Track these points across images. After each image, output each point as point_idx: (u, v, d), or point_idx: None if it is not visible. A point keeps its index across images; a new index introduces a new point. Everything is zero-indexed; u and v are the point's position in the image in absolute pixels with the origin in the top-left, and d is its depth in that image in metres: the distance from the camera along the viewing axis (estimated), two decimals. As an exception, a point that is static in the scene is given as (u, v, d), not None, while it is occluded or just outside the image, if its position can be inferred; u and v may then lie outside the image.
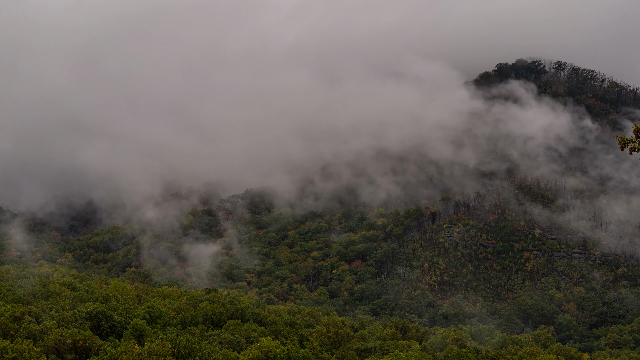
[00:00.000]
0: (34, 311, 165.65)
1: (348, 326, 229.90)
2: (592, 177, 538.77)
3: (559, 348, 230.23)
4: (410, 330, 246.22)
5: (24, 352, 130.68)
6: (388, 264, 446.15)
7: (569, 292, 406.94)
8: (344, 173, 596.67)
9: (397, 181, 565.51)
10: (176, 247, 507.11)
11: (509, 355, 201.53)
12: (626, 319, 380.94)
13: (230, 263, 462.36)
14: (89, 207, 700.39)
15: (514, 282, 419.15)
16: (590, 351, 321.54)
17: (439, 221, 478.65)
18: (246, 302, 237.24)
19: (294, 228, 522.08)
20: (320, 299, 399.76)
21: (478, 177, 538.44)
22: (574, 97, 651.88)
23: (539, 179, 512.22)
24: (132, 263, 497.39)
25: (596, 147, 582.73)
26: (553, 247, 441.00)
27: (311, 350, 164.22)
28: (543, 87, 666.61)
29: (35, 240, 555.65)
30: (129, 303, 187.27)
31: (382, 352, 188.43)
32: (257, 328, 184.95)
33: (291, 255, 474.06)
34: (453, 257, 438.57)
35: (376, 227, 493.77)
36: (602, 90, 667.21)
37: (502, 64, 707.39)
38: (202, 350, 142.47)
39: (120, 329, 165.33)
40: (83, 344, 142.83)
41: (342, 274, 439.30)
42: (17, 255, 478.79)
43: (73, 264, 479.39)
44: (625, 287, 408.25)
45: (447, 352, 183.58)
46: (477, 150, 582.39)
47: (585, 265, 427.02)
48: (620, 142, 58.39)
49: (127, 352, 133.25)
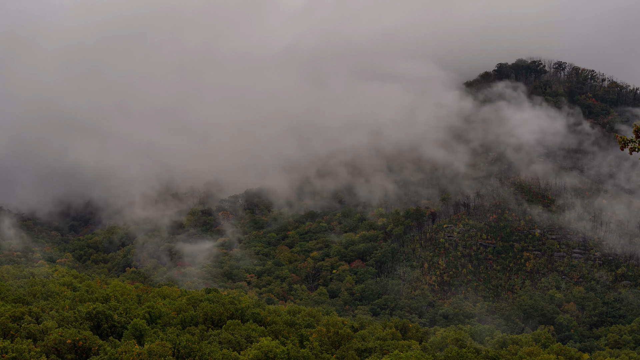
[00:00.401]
0: (34, 311, 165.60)
1: (348, 326, 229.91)
2: (592, 177, 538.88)
3: (559, 348, 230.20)
4: (410, 330, 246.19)
5: (24, 352, 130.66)
6: (388, 264, 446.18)
7: (569, 292, 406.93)
8: (342, 173, 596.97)
9: (396, 180, 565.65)
10: (176, 247, 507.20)
11: (509, 355, 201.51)
12: (626, 319, 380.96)
13: (230, 263, 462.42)
14: (88, 207, 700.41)
15: (514, 282, 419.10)
16: (590, 351, 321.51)
17: (439, 221, 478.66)
18: (246, 302, 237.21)
19: (294, 228, 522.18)
20: (320, 299, 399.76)
21: (478, 177, 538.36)
22: (572, 97, 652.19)
23: (538, 179, 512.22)
24: (132, 263, 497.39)
25: (595, 147, 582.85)
26: (553, 247, 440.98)
27: (311, 350, 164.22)
28: (542, 87, 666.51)
29: (35, 240, 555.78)
30: (129, 303, 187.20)
31: (382, 352, 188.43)
32: (257, 328, 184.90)
33: (291, 255, 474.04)
34: (453, 257, 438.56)
35: (376, 227, 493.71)
36: (602, 90, 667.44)
37: (502, 64, 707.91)
38: (202, 350, 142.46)
39: (120, 329, 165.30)
40: (83, 344, 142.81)
41: (342, 274, 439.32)
42: (17, 255, 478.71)
43: (73, 264, 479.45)
44: (625, 287, 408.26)
45: (447, 352, 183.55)
46: (476, 151, 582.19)
47: (585, 265, 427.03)
48: (620, 142, 58.43)
49: (127, 352, 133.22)
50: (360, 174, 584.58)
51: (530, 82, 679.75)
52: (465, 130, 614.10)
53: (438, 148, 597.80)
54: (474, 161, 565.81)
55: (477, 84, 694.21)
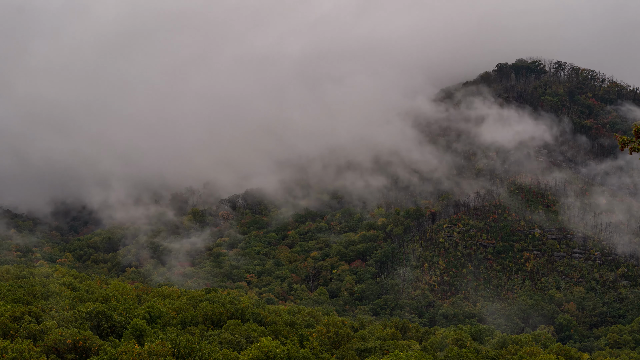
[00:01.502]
0: (34, 311, 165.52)
1: (348, 326, 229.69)
2: (591, 177, 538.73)
3: (559, 348, 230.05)
4: (410, 330, 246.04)
5: (24, 352, 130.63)
6: (388, 264, 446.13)
7: (569, 292, 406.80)
8: (342, 172, 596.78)
9: (396, 181, 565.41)
10: (176, 247, 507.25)
11: (509, 355, 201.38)
12: (626, 319, 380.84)
13: (230, 263, 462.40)
14: (88, 207, 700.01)
15: (514, 282, 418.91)
16: (590, 351, 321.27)
17: (439, 221, 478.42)
18: (246, 302, 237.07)
19: (293, 228, 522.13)
20: (320, 299, 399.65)
21: (477, 177, 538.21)
22: (572, 97, 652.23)
23: (538, 179, 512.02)
24: (132, 263, 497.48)
25: (594, 147, 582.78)
26: (553, 247, 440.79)
27: (311, 350, 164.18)
28: (543, 87, 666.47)
29: (35, 241, 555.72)
30: (129, 303, 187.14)
31: (382, 352, 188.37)
32: (257, 328, 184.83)
33: (291, 255, 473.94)
34: (453, 257, 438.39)
35: (376, 227, 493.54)
36: (602, 90, 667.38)
37: (502, 64, 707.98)
38: (202, 350, 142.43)
39: (120, 329, 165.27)
40: (83, 344, 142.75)
41: (342, 274, 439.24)
42: (17, 255, 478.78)
43: (73, 264, 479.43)
44: (625, 287, 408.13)
45: (447, 352, 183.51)
46: (476, 150, 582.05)
47: (585, 265, 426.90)
48: (620, 142, 58.38)
49: (127, 352, 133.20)
50: (360, 174, 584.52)
51: (530, 82, 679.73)
52: (465, 130, 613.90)
53: (438, 148, 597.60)
54: (474, 161, 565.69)
55: (478, 83, 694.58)
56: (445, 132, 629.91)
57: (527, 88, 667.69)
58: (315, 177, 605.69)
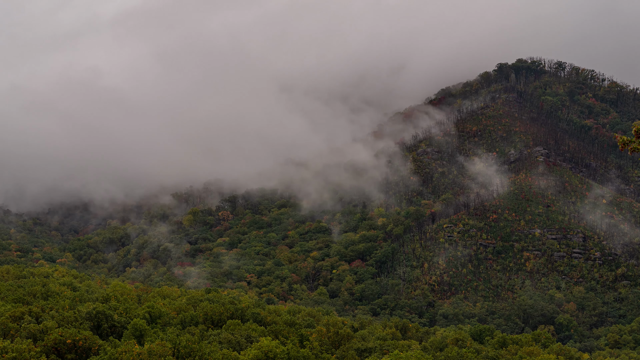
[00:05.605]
0: (34, 311, 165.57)
1: (348, 326, 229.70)
2: (591, 177, 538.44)
3: (559, 348, 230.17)
4: (410, 330, 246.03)
5: (24, 352, 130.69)
6: (388, 264, 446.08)
7: (569, 292, 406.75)
8: (342, 172, 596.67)
9: (396, 180, 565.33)
10: (176, 247, 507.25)
11: (509, 355, 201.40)
12: (626, 319, 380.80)
13: (230, 263, 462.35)
14: (88, 207, 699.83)
15: (514, 282, 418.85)
16: (590, 351, 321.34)
17: (439, 221, 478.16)
18: (246, 302, 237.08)
19: (293, 228, 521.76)
20: (320, 299, 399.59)
21: (477, 177, 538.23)
22: (572, 97, 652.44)
23: (538, 179, 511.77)
24: (132, 263, 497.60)
25: (595, 147, 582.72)
26: (553, 247, 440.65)
27: (311, 350, 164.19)
28: (543, 87, 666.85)
29: (35, 241, 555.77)
30: (129, 303, 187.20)
31: (382, 352, 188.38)
32: (257, 328, 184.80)
33: (291, 255, 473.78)
34: (453, 257, 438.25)
35: (376, 227, 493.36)
36: (602, 90, 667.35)
37: (502, 63, 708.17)
38: (202, 350, 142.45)
39: (120, 329, 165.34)
40: (83, 344, 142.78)
41: (342, 274, 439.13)
42: (17, 255, 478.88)
43: (73, 264, 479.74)
44: (625, 287, 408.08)
45: (447, 352, 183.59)
46: (476, 150, 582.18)
47: (585, 265, 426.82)
48: (620, 142, 58.37)
49: (127, 352, 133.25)
50: (361, 174, 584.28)
51: (530, 82, 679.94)
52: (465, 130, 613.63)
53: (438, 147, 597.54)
54: (474, 161, 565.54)
55: (477, 83, 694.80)
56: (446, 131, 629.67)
57: (527, 88, 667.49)
58: (315, 176, 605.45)
